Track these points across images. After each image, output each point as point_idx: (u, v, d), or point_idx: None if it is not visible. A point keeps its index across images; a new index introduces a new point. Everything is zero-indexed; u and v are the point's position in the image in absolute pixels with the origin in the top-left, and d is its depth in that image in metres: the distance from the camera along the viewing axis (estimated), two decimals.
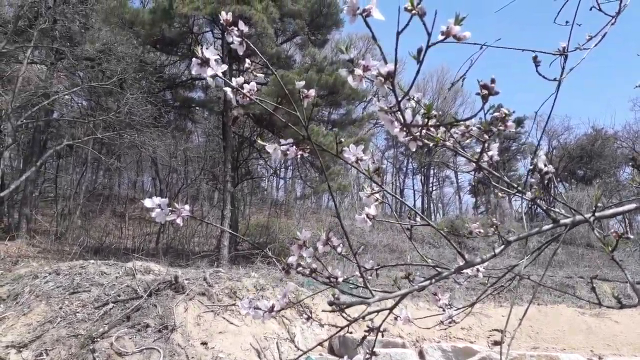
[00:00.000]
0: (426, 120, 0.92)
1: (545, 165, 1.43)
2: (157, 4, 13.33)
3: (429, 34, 0.73)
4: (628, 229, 23.12)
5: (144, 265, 9.50)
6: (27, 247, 13.51)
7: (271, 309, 1.36)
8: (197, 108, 16.77)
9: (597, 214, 1.38)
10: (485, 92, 0.92)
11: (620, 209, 1.43)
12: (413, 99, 1.32)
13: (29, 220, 14.62)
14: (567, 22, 1.88)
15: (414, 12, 0.72)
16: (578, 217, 1.38)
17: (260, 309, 1.36)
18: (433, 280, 1.26)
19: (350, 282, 1.36)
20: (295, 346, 8.04)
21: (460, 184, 31.66)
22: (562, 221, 1.38)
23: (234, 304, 8.23)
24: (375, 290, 1.21)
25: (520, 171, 29.08)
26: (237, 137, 16.10)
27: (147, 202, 1.12)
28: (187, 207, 1.14)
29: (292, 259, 1.20)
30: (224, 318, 7.97)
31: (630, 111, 44.69)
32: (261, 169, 20.58)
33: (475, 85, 1.05)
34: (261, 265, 11.68)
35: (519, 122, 27.71)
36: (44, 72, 13.61)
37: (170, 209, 1.13)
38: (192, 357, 7.23)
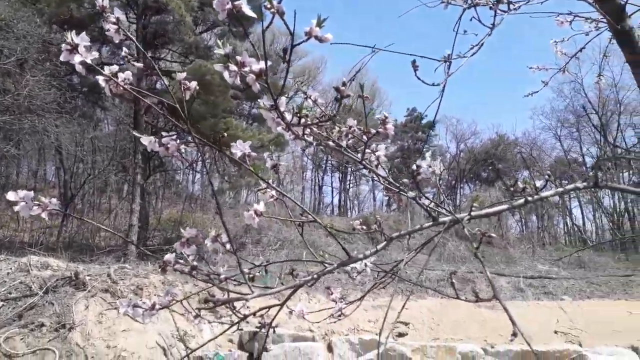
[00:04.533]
0: (299, 119, 0.94)
1: (430, 167, 1.51)
2: None
3: (292, 34, 0.74)
4: (523, 228, 25.10)
5: (41, 261, 8.85)
6: None
7: (152, 307, 1.32)
8: (107, 95, 15.86)
9: (472, 214, 1.47)
10: (338, 94, 0.95)
11: (493, 209, 1.54)
12: (310, 98, 1.34)
13: None
14: (465, 31, 2.00)
15: (272, 10, 0.73)
16: (455, 217, 1.46)
17: (139, 307, 1.32)
18: (315, 275, 1.28)
19: (235, 280, 1.35)
20: (187, 346, 7.89)
21: (375, 182, 32.68)
22: (441, 219, 1.46)
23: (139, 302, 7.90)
24: (255, 286, 1.22)
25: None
26: (149, 128, 15.41)
27: (10, 195, 1.05)
28: (54, 200, 1.07)
29: (169, 257, 1.17)
30: (128, 316, 7.63)
31: (530, 119, 48.45)
32: (176, 161, 19.86)
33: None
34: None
35: (431, 125, 29.11)
36: None
37: (35, 202, 1.06)
38: (92, 357, 6.87)
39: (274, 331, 1.56)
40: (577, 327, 8.25)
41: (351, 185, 32.97)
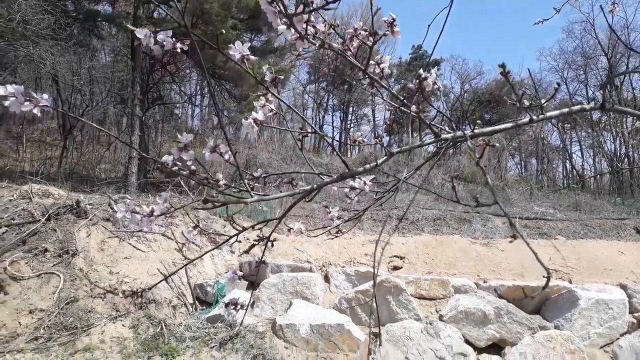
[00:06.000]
0: (304, 6, 0.88)
1: (435, 83, 1.46)
2: None
3: None
4: (522, 171, 25.19)
5: (42, 189, 8.91)
6: None
7: (150, 214, 1.31)
8: (104, 23, 15.35)
9: (475, 131, 1.44)
10: None
11: (497, 127, 1.50)
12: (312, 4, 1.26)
13: None
14: None
15: None
16: (458, 133, 1.43)
17: (138, 213, 1.31)
18: (315, 185, 1.27)
19: (236, 187, 1.34)
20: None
21: (377, 122, 32.45)
22: (443, 136, 1.43)
23: (140, 230, 8.03)
24: (255, 193, 1.20)
25: (433, 113, 30.26)
26: (147, 58, 15.05)
27: None
28: (45, 96, 1.04)
29: (167, 158, 1.15)
30: (129, 244, 7.79)
31: (537, 60, 47.29)
32: (175, 94, 19.55)
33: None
34: (173, 194, 11.40)
35: (436, 63, 28.49)
36: None
37: (26, 98, 1.02)
38: (96, 282, 7.07)
39: (272, 245, 1.57)
40: (569, 265, 8.45)
41: (352, 125, 32.76)
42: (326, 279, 8.00)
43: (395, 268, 8.43)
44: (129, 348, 6.24)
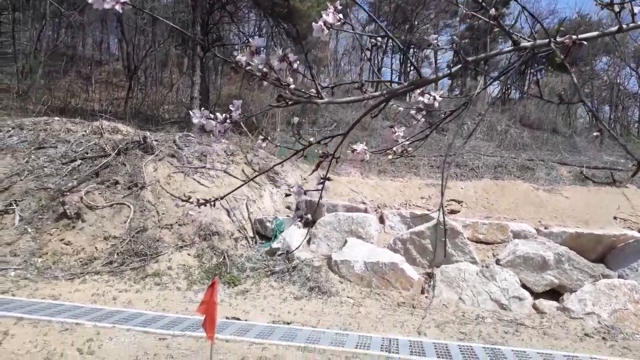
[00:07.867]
0: None
1: None
2: None
3: None
4: (593, 118, 23.67)
5: (111, 125, 9.36)
6: None
7: (224, 120, 1.35)
8: None
9: (558, 39, 1.36)
10: None
11: (584, 35, 1.41)
12: None
13: None
14: None
15: None
16: (539, 41, 1.35)
17: (212, 119, 1.35)
18: (384, 91, 1.25)
19: (306, 92, 1.34)
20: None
21: (439, 65, 31.11)
22: (522, 44, 1.36)
23: (204, 167, 8.35)
24: (325, 96, 1.20)
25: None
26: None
27: None
28: None
29: (241, 57, 1.15)
30: (194, 179, 8.12)
31: None
32: (234, 36, 19.53)
33: None
34: (232, 135, 11.65)
35: (505, 1, 26.68)
36: None
37: None
38: (163, 214, 7.48)
39: (337, 162, 1.57)
40: (639, 215, 8.04)
41: (411, 68, 31.64)
42: (381, 220, 8.06)
43: (452, 212, 8.34)
44: (194, 275, 6.65)
